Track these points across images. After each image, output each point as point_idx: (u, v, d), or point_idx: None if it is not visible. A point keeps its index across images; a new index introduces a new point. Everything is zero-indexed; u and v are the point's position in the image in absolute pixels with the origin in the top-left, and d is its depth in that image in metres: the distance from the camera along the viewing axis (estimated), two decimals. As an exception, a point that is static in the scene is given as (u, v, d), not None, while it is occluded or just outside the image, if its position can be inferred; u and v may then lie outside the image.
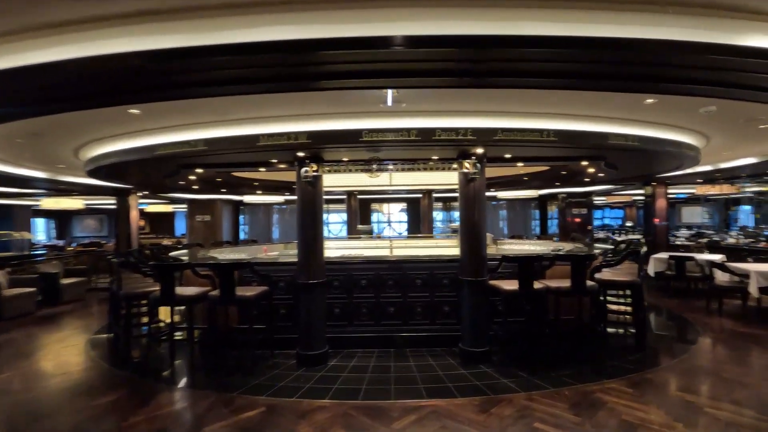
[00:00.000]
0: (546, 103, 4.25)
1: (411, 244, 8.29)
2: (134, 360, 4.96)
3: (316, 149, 4.64)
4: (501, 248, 8.68)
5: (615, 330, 5.58)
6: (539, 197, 15.99)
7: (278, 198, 14.71)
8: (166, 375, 4.48)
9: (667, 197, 11.14)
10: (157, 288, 4.53)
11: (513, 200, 17.93)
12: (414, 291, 5.20)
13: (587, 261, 4.64)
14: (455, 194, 5.42)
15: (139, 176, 8.04)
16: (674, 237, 13.51)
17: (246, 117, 4.55)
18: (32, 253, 11.26)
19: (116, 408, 3.62)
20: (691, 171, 8.75)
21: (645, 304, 5.23)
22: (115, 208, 11.11)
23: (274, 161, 5.68)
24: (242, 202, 16.80)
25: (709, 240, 11.79)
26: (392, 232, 19.49)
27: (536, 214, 18.17)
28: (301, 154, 4.71)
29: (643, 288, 5.05)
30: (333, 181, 7.72)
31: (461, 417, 3.35)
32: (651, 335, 5.45)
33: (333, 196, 12.02)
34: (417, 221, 18.26)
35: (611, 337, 5.37)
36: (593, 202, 15.42)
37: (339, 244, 8.21)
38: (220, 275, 4.42)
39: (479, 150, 4.69)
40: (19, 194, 12.37)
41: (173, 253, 6.67)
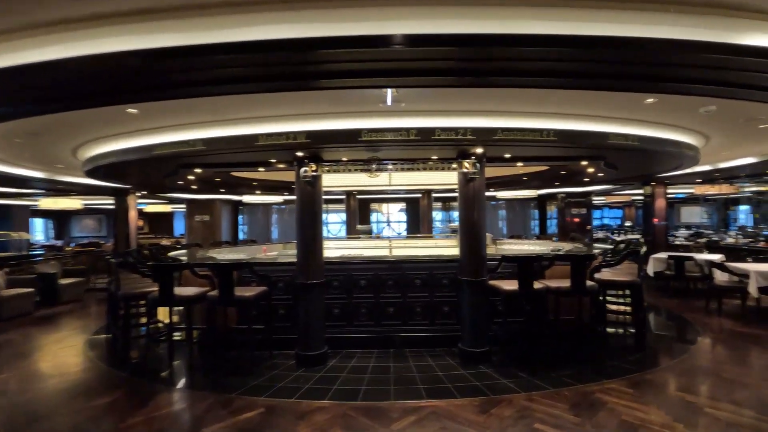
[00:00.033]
0: (546, 103, 4.24)
1: (410, 244, 8.29)
2: (133, 361, 4.94)
3: (315, 149, 4.63)
4: (500, 248, 8.67)
5: (615, 330, 5.57)
6: (538, 197, 15.98)
7: (277, 198, 14.70)
8: (165, 376, 4.46)
9: (667, 197, 11.15)
10: (156, 288, 4.51)
11: (512, 200, 17.93)
12: (413, 291, 5.19)
13: (587, 261, 4.63)
14: (454, 194, 5.41)
15: (138, 176, 8.02)
16: (673, 237, 13.51)
17: (245, 116, 4.54)
18: (30, 254, 11.22)
19: (114, 409, 3.60)
20: (690, 171, 8.75)
21: (645, 305, 5.23)
22: (114, 209, 11.10)
23: (273, 161, 5.66)
24: (241, 202, 16.79)
25: (708, 240, 11.80)
26: (391, 232, 19.49)
27: (535, 214, 18.19)
28: (300, 154, 4.70)
29: (643, 288, 5.05)
30: (332, 181, 7.72)
31: (461, 418, 3.34)
32: (650, 335, 5.45)
33: (332, 196, 12.02)
34: (416, 221, 18.26)
35: (611, 337, 5.37)
36: (592, 202, 15.43)
37: (338, 244, 8.20)
38: (219, 275, 4.40)
39: (479, 150, 4.68)
40: (18, 194, 12.34)
41: (172, 253, 6.65)
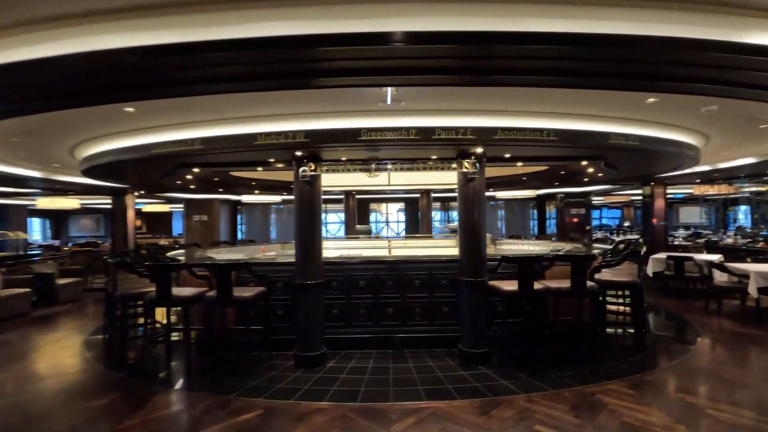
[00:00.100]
0: (547, 102, 4.22)
1: (409, 245, 8.27)
2: (130, 361, 4.90)
3: (314, 148, 4.60)
4: (499, 248, 8.66)
5: (614, 330, 5.56)
6: (537, 197, 15.97)
7: (276, 198, 14.67)
8: (162, 377, 4.43)
9: (666, 197, 11.15)
10: (154, 288, 4.47)
11: (511, 200, 17.93)
12: (413, 291, 5.17)
13: (588, 261, 4.61)
14: (454, 194, 5.39)
15: (136, 176, 7.99)
16: (672, 237, 13.51)
17: (243, 115, 4.51)
18: (27, 253, 11.15)
19: (111, 410, 3.57)
20: (690, 171, 8.75)
21: (645, 305, 5.21)
22: (112, 208, 11.05)
23: (272, 160, 5.63)
24: (240, 202, 16.76)
25: (707, 240, 11.80)
26: (390, 232, 19.47)
27: (534, 214, 18.19)
28: (299, 154, 4.67)
29: (643, 288, 5.03)
30: (331, 181, 7.69)
31: (461, 419, 3.31)
32: (650, 336, 5.44)
33: (331, 196, 11.99)
34: (415, 221, 18.27)
35: (611, 338, 5.35)
36: (591, 202, 15.42)
37: (337, 245, 8.18)
38: (217, 276, 4.37)
39: (479, 149, 4.65)
40: (15, 194, 12.28)
41: (170, 253, 6.62)
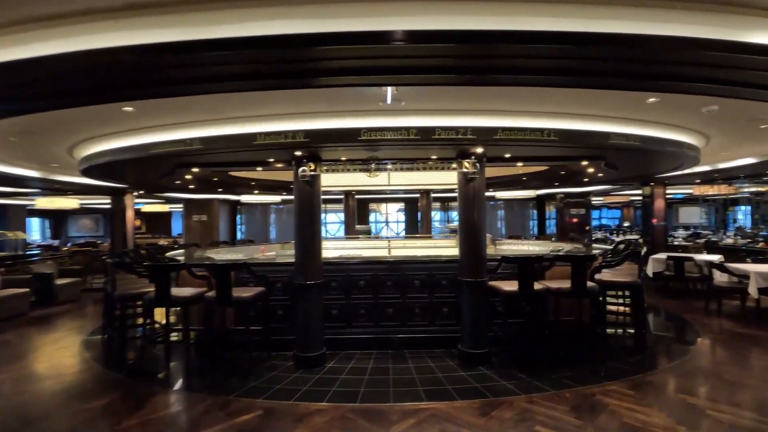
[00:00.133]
0: (547, 102, 4.21)
1: (409, 245, 8.26)
2: (129, 362, 4.88)
3: (314, 148, 4.58)
4: (499, 249, 8.64)
5: (614, 331, 5.55)
6: (537, 197, 15.97)
7: (275, 198, 14.66)
8: (161, 377, 4.41)
9: (666, 197, 11.14)
10: (153, 289, 4.45)
11: (510, 200, 17.92)
12: (412, 292, 5.15)
13: (588, 262, 4.60)
14: (454, 194, 5.38)
15: (135, 175, 7.97)
16: (672, 237, 13.52)
17: (242, 115, 4.49)
18: (26, 253, 11.15)
19: (110, 411, 3.55)
20: (690, 171, 8.74)
21: (645, 305, 5.20)
22: (111, 208, 11.03)
23: (272, 160, 5.62)
24: (239, 202, 16.74)
25: (707, 240, 11.80)
26: (390, 233, 19.46)
27: (534, 215, 18.18)
28: (299, 153, 4.65)
29: (643, 289, 5.02)
30: (331, 181, 7.68)
31: (461, 420, 3.30)
32: (650, 336, 5.42)
33: (331, 196, 11.99)
34: (415, 221, 18.27)
35: (611, 338, 5.34)
36: (591, 203, 15.42)
37: (337, 245, 8.17)
38: (217, 276, 4.35)
39: (479, 149, 4.64)
40: (14, 194, 12.25)
41: (169, 254, 6.61)
